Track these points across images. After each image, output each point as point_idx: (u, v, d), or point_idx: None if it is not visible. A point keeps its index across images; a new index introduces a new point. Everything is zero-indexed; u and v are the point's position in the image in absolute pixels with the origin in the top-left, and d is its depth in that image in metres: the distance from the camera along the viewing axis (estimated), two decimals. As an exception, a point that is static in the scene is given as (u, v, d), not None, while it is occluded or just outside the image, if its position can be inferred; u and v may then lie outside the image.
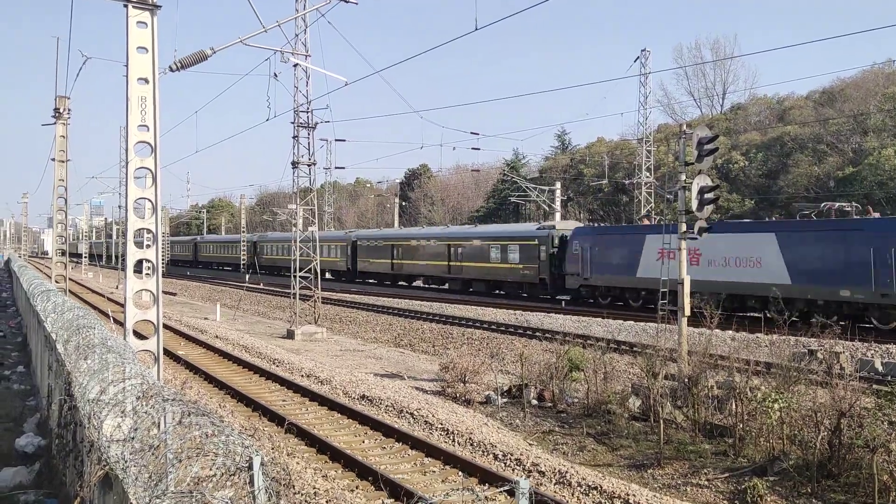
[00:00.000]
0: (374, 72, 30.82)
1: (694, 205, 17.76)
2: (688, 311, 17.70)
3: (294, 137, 30.44)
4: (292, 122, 30.35)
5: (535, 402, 16.94)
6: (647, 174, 49.86)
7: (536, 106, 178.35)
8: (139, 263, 11.78)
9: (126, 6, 10.96)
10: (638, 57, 49.08)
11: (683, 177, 18.09)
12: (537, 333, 25.73)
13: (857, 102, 54.69)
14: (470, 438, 13.77)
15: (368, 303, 40.44)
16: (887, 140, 48.80)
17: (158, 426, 4.79)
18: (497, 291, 45.28)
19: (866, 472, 10.28)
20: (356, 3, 20.82)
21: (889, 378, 16.36)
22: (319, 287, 32.22)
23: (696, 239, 18.30)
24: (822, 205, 28.72)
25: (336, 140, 58.88)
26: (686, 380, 14.53)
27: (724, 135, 56.39)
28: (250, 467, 3.66)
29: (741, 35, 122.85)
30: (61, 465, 9.06)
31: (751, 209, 52.17)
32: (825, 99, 59.35)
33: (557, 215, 55.09)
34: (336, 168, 79.21)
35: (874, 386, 14.26)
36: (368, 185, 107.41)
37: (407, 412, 15.83)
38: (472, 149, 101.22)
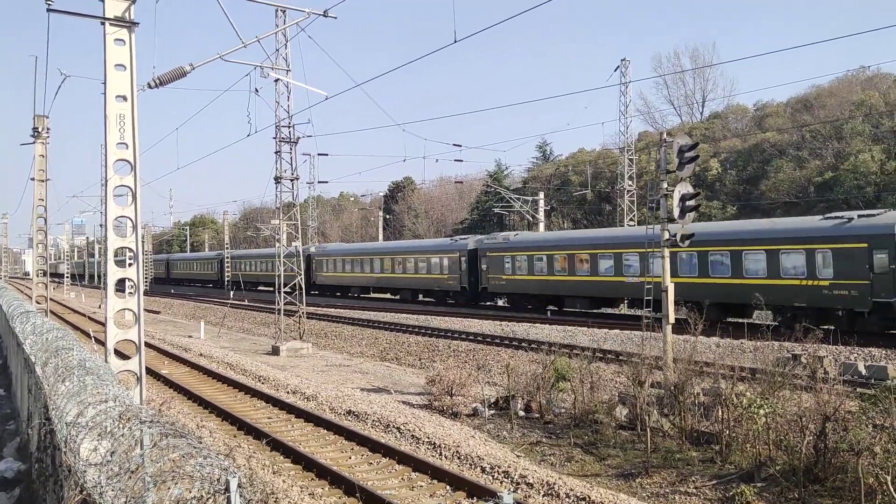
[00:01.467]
0: (355, 85, 30.99)
1: (676, 212, 17.87)
2: (672, 319, 17.76)
3: (276, 152, 30.37)
4: (274, 138, 30.29)
5: (522, 413, 16.89)
6: (630, 182, 50.15)
7: (518, 117, 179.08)
8: (121, 282, 11.67)
9: (103, 24, 10.91)
10: (618, 66, 49.53)
11: (665, 185, 18.20)
12: (523, 344, 25.71)
13: (833, 109, 55.43)
14: (457, 452, 13.69)
15: (354, 317, 40.26)
16: (864, 145, 49.44)
17: (137, 449, 4.71)
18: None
19: (852, 476, 10.30)
20: (335, 18, 20.82)
21: (872, 381, 16.47)
22: (304, 302, 32.06)
23: (678, 247, 18.39)
24: None
25: (319, 154, 59.14)
26: (672, 387, 14.53)
27: (704, 142, 56.92)
28: (227, 489, 3.60)
29: (719, 44, 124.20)
30: (41, 491, 8.91)
31: (732, 215, 52.57)
32: (802, 106, 60.10)
33: (541, 225, 55.24)
34: (319, 182, 79.23)
35: (858, 389, 14.34)
36: (352, 199, 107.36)
37: (394, 427, 15.73)
38: (455, 161, 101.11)
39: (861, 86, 57.56)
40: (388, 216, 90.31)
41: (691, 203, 17.94)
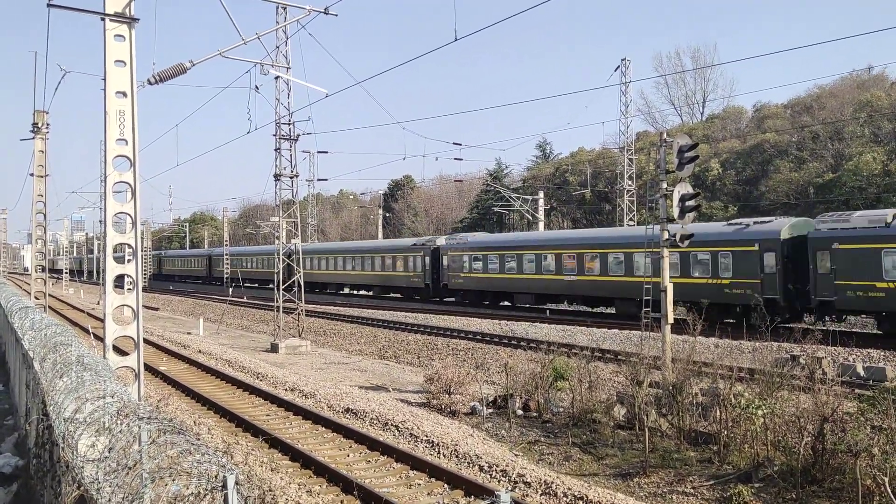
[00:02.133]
0: (355, 83, 30.94)
1: (675, 212, 17.86)
2: (671, 319, 17.76)
3: (276, 150, 30.36)
4: (274, 135, 30.28)
5: (520, 412, 16.89)
6: (629, 182, 50.14)
7: (518, 116, 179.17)
8: (119, 278, 11.65)
9: (103, 19, 10.88)
10: (618, 66, 49.45)
11: (664, 185, 18.19)
12: (522, 343, 25.71)
13: (834, 110, 55.39)
14: (455, 450, 13.69)
15: (353, 315, 40.26)
16: (865, 146, 49.42)
17: (134, 445, 4.70)
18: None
19: (850, 477, 10.31)
20: (336, 15, 20.82)
21: (871, 382, 16.48)
22: (303, 300, 32.05)
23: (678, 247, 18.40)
24: None
25: (318, 152, 59.13)
26: (670, 387, 14.54)
27: (704, 143, 56.93)
28: (224, 486, 3.59)
29: (720, 44, 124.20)
30: (39, 486, 8.90)
31: (732, 215, 52.55)
32: (802, 107, 60.07)
33: (541, 224, 55.25)
34: (319, 180, 79.09)
35: (856, 391, 14.37)
36: (352, 197, 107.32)
37: (392, 425, 15.73)
38: (455, 159, 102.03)
39: (862, 87, 57.52)
40: (387, 214, 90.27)
41: (691, 203, 17.92)
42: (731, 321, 25.95)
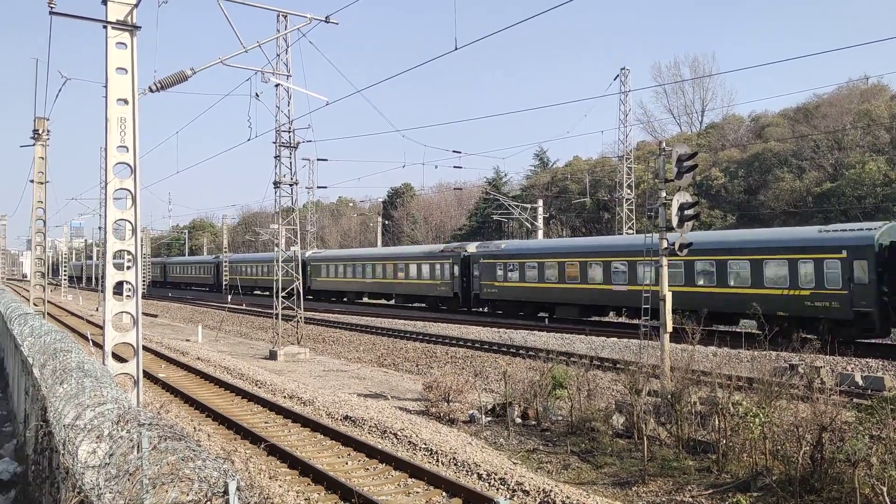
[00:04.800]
0: (355, 91, 31.04)
1: (674, 221, 17.89)
2: (670, 328, 17.77)
3: (276, 157, 30.43)
4: (274, 142, 30.37)
5: (518, 420, 16.89)
6: (628, 191, 50.22)
7: (518, 124, 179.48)
8: (119, 285, 11.67)
9: (105, 27, 10.94)
10: (618, 75, 49.64)
11: (664, 193, 18.24)
12: (521, 351, 25.73)
13: (833, 119, 55.57)
14: (454, 458, 13.69)
15: (352, 322, 40.26)
16: (866, 156, 49.56)
17: (135, 451, 4.72)
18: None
19: (848, 487, 10.31)
20: (337, 24, 20.90)
21: (869, 392, 16.49)
22: (303, 307, 32.05)
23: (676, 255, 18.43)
24: None
25: (318, 159, 58.95)
26: (669, 396, 14.55)
27: (703, 152, 57.05)
28: (226, 492, 3.61)
29: (718, 54, 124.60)
30: (38, 493, 8.90)
31: (732, 224, 52.65)
32: (801, 116, 60.25)
33: (540, 233, 55.29)
34: (318, 187, 79.01)
35: (854, 400, 14.37)
36: (351, 205, 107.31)
37: (390, 432, 15.72)
38: (455, 167, 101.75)
39: (861, 96, 57.74)
40: (386, 222, 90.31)
41: (690, 212, 17.97)
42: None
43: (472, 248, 45.16)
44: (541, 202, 57.71)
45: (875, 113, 52.68)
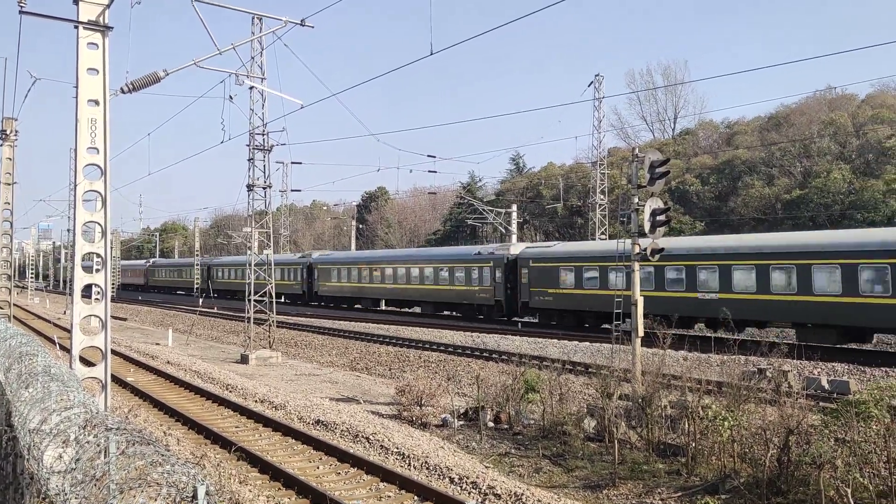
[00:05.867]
0: (330, 94, 30.93)
1: (646, 227, 18.09)
2: (641, 332, 17.94)
3: (249, 160, 30.22)
4: (248, 145, 30.15)
5: (491, 424, 16.93)
6: (601, 196, 50.63)
7: (492, 129, 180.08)
8: (87, 288, 11.52)
9: (77, 27, 10.81)
10: (592, 82, 50.13)
11: (636, 199, 18.43)
12: (494, 355, 25.78)
13: (802, 128, 56.56)
14: (426, 462, 13.69)
15: (324, 326, 40.07)
16: (833, 164, 50.50)
17: (102, 456, 4.66)
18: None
19: (814, 489, 10.48)
20: (312, 27, 20.85)
21: (835, 395, 16.78)
22: (275, 311, 31.84)
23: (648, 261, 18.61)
24: None
25: (292, 163, 58.69)
26: (640, 400, 14.69)
27: (676, 158, 57.72)
28: (195, 497, 3.58)
29: (691, 62, 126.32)
30: (1, 499, 8.74)
31: (702, 231, 53.29)
32: (771, 124, 61.24)
33: (514, 237, 55.49)
34: (292, 191, 78.74)
35: (821, 403, 14.62)
36: (325, 208, 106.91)
37: (363, 436, 15.67)
38: (429, 171, 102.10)
39: (828, 105, 58.85)
40: (360, 226, 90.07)
41: (662, 218, 18.18)
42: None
43: (518, 248, 40.97)
44: (515, 207, 57.95)
45: (840, 122, 53.71)
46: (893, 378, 19.11)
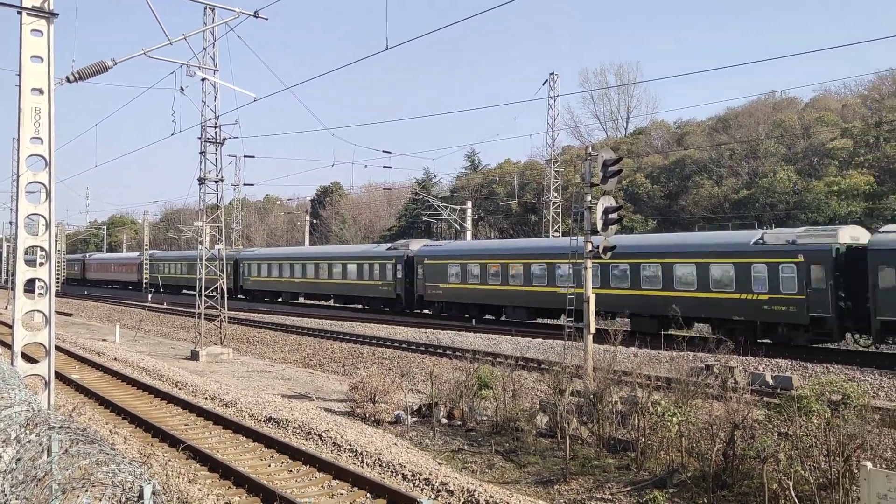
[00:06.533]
0: (284, 88, 30.62)
1: (599, 224, 18.34)
2: (593, 329, 18.18)
3: (201, 153, 29.72)
4: (199, 138, 29.64)
5: (444, 420, 16.97)
6: (555, 194, 51.10)
7: (448, 126, 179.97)
8: (30, 282, 11.19)
9: (20, 13, 10.49)
10: (546, 80, 50.44)
11: (589, 197, 18.65)
12: (448, 352, 25.83)
13: (749, 129, 57.98)
14: (379, 459, 13.66)
15: (277, 322, 39.63)
16: (779, 165, 51.88)
17: (44, 456, 4.54)
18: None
19: (757, 482, 10.77)
20: (266, 19, 20.54)
21: (778, 391, 17.25)
22: (226, 306, 31.39)
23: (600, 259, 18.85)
24: None
25: (245, 156, 57.69)
26: (591, 396, 14.89)
27: (628, 157, 58.59)
28: (141, 497, 3.51)
29: (643, 63, 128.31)
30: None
31: (653, 229, 54.19)
32: (720, 125, 62.61)
33: (468, 234, 55.67)
34: (245, 185, 77.31)
35: (765, 399, 14.98)
36: (278, 203, 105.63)
37: (315, 434, 15.56)
38: (384, 167, 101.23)
39: (773, 108, 60.44)
40: (314, 221, 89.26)
41: (613, 216, 18.45)
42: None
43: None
44: (470, 204, 58.12)
45: (787, 124, 55.21)
46: (834, 374, 19.72)
